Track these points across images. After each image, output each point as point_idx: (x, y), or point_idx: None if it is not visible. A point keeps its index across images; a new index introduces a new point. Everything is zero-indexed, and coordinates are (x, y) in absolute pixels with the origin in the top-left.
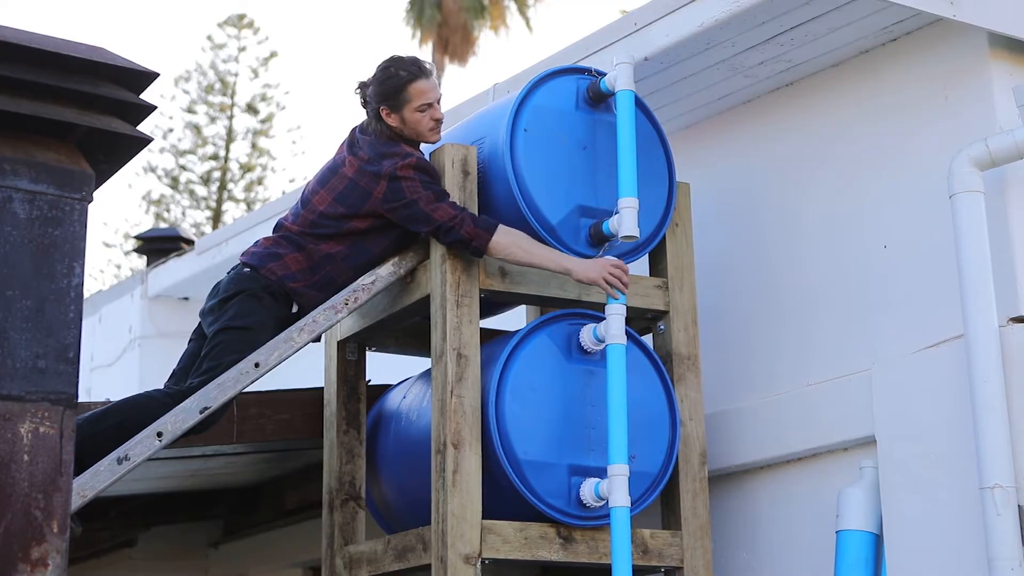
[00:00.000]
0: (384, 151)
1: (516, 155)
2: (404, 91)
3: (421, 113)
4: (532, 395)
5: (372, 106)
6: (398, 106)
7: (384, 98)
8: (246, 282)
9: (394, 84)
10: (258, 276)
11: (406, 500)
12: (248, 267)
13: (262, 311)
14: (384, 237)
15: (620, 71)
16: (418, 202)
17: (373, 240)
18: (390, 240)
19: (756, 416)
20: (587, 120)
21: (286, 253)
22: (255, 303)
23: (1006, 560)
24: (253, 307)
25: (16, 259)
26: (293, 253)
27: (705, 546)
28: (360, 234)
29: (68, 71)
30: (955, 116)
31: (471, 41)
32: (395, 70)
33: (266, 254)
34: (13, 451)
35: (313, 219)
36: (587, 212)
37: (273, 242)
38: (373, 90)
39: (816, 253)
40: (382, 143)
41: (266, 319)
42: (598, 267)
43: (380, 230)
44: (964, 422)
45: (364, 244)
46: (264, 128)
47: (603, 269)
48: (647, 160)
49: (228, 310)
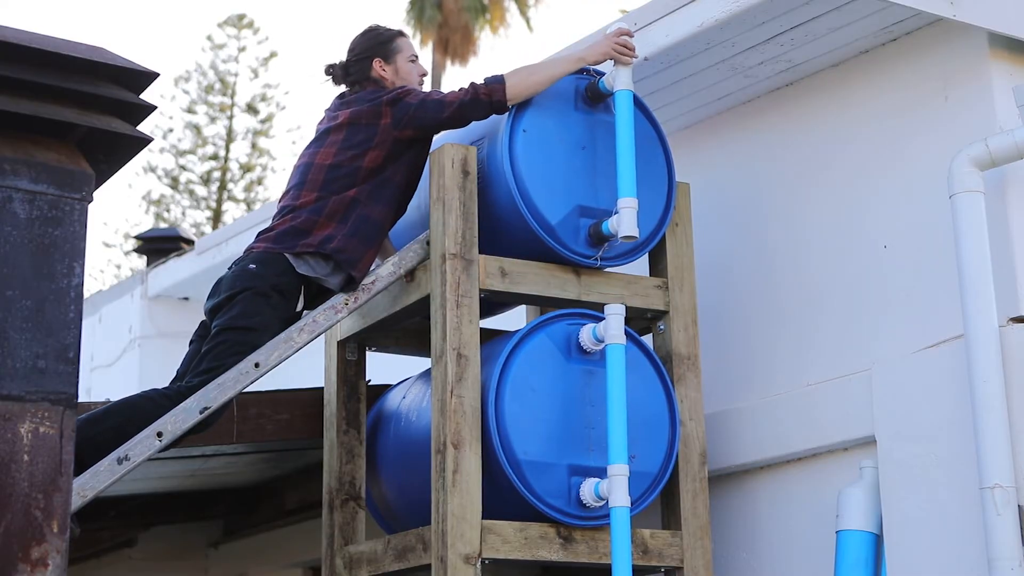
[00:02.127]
0: (378, 92)
1: (515, 156)
2: (394, 42)
3: (412, 63)
4: (532, 395)
5: (361, 65)
6: (391, 56)
7: (376, 49)
8: (253, 279)
9: (384, 37)
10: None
11: (406, 500)
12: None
13: (268, 311)
14: (401, 164)
15: (618, 71)
16: (427, 98)
17: (391, 170)
18: (407, 165)
19: (756, 416)
20: (586, 120)
21: (312, 225)
22: (262, 302)
23: (1006, 560)
24: (259, 306)
25: (16, 259)
26: (317, 218)
27: (705, 546)
28: (376, 170)
29: (68, 71)
30: (955, 116)
31: (471, 41)
32: (378, 28)
33: (293, 235)
34: (13, 451)
35: (324, 176)
36: (587, 212)
37: (292, 220)
38: (361, 47)
39: (816, 253)
40: (374, 90)
41: (271, 320)
42: (607, 43)
43: (395, 158)
44: (964, 422)
45: (383, 175)
46: (264, 128)
47: (610, 43)
48: (646, 160)
49: (234, 307)
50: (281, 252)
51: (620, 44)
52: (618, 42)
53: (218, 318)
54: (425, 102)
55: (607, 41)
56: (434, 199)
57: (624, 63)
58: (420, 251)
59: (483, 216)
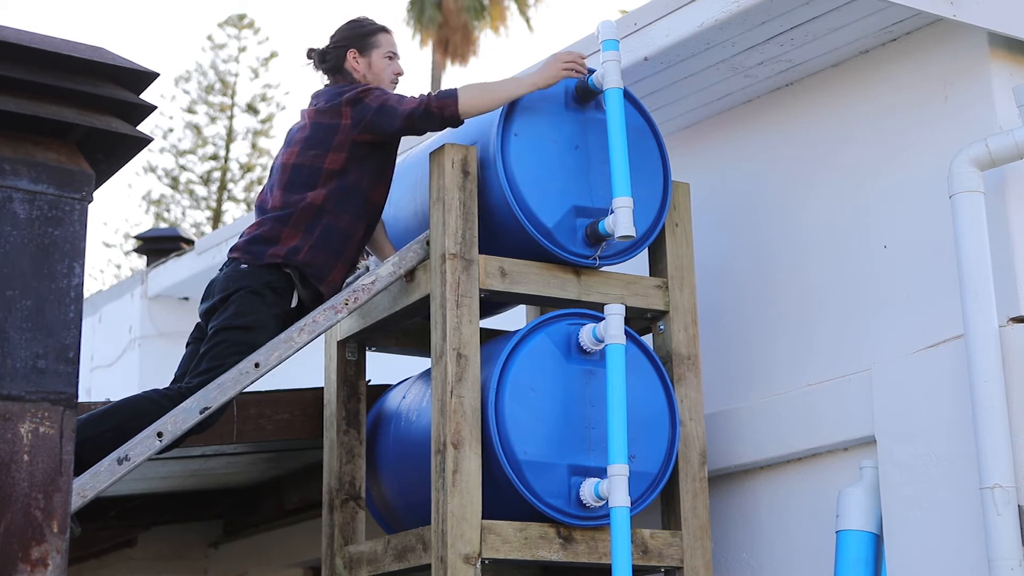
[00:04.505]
0: (342, 89)
1: (508, 161)
2: (373, 36)
3: (388, 60)
4: (531, 395)
5: (337, 53)
6: (367, 49)
7: (353, 40)
8: (245, 278)
9: (365, 30)
10: (258, 271)
11: (406, 500)
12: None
13: (264, 309)
14: (366, 170)
15: (607, 68)
16: (385, 103)
17: (355, 175)
18: (372, 172)
19: (756, 416)
20: (578, 119)
21: (279, 232)
22: (257, 300)
23: (1006, 560)
24: (255, 304)
25: (16, 259)
26: (286, 228)
27: (705, 546)
28: (338, 173)
29: (68, 71)
30: (955, 116)
31: (471, 41)
32: (364, 20)
33: (260, 243)
34: (13, 451)
35: (288, 177)
36: (583, 212)
37: (259, 227)
38: (340, 36)
39: (816, 253)
40: (340, 85)
41: (267, 318)
42: (556, 65)
43: (357, 162)
44: (964, 422)
45: (347, 181)
46: (264, 128)
47: (559, 64)
48: (640, 154)
49: (229, 307)
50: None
51: (569, 62)
52: (567, 61)
53: (214, 319)
54: (383, 107)
55: (556, 63)
56: (434, 199)
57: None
58: (420, 251)
59: (480, 220)
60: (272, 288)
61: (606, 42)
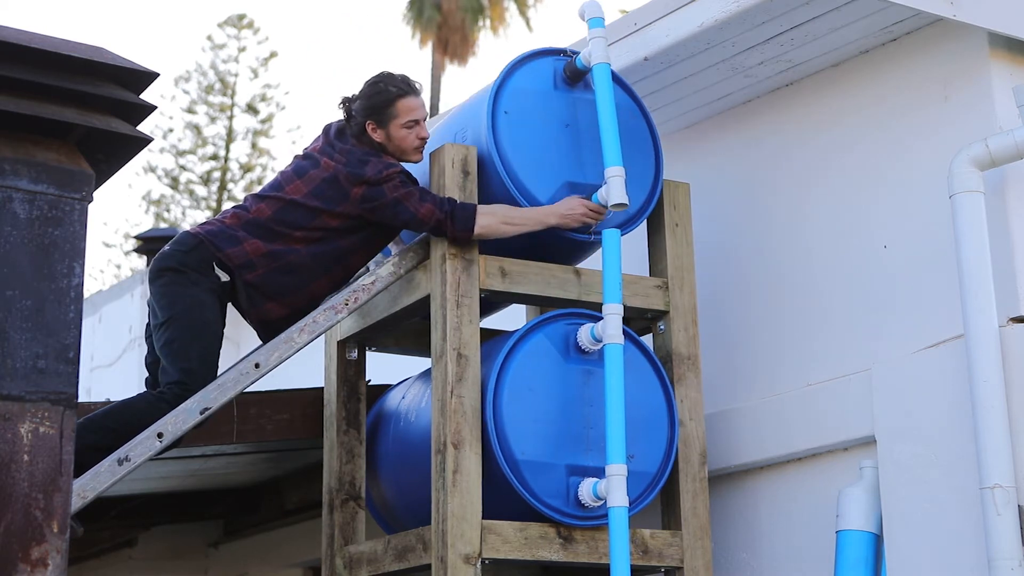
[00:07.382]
0: (365, 157)
1: (499, 137)
2: (392, 106)
3: (408, 130)
4: (530, 395)
5: (358, 120)
6: (384, 121)
7: (371, 112)
8: (165, 259)
9: (382, 99)
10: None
11: (406, 500)
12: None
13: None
14: (353, 236)
15: (594, 45)
16: (402, 200)
17: (342, 237)
18: (358, 239)
19: (756, 416)
20: (567, 99)
21: (246, 238)
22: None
23: (1006, 560)
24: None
25: (16, 259)
26: (254, 239)
27: (705, 546)
28: (330, 230)
29: (68, 71)
30: (955, 116)
31: (471, 41)
32: (384, 85)
33: (227, 235)
34: (13, 451)
35: (284, 206)
36: (576, 188)
37: (232, 223)
38: (360, 104)
39: (816, 253)
40: (363, 150)
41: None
42: (577, 214)
43: (352, 230)
44: (964, 422)
45: (332, 239)
46: (264, 128)
47: (578, 212)
48: (629, 130)
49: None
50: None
51: (592, 211)
52: (591, 209)
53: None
54: (399, 203)
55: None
56: None
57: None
58: (420, 251)
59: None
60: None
61: (592, 20)
